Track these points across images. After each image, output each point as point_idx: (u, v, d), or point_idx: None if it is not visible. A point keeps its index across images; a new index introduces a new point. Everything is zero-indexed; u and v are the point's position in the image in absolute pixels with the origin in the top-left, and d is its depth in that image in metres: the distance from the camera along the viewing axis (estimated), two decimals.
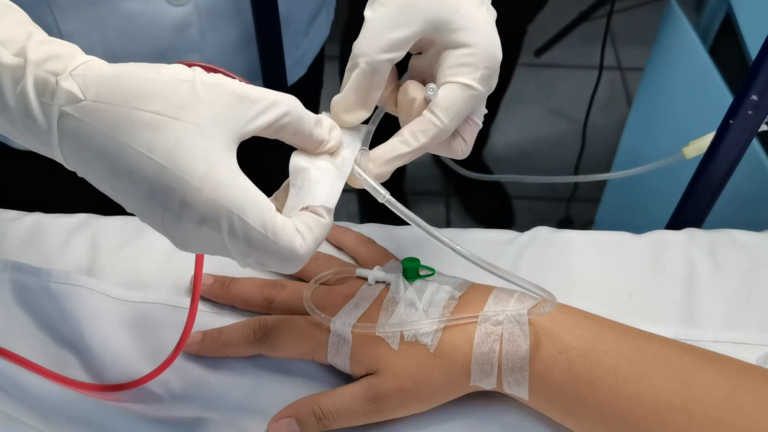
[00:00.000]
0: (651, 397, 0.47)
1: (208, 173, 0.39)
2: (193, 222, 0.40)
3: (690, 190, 0.68)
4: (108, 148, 0.38)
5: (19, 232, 0.64)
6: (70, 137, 0.39)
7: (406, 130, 0.48)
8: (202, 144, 0.39)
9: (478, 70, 0.47)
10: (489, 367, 0.50)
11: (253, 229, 0.40)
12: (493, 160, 1.87)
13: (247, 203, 0.40)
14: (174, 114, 0.38)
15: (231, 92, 0.40)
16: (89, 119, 0.38)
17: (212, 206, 0.39)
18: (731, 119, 0.61)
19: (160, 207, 0.40)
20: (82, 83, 0.38)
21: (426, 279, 0.55)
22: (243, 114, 0.40)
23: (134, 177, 0.39)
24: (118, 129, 0.38)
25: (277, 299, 0.57)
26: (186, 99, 0.39)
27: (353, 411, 0.52)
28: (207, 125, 0.39)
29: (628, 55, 2.13)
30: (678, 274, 0.62)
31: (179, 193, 0.39)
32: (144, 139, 0.38)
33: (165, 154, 0.38)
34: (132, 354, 0.56)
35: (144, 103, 0.38)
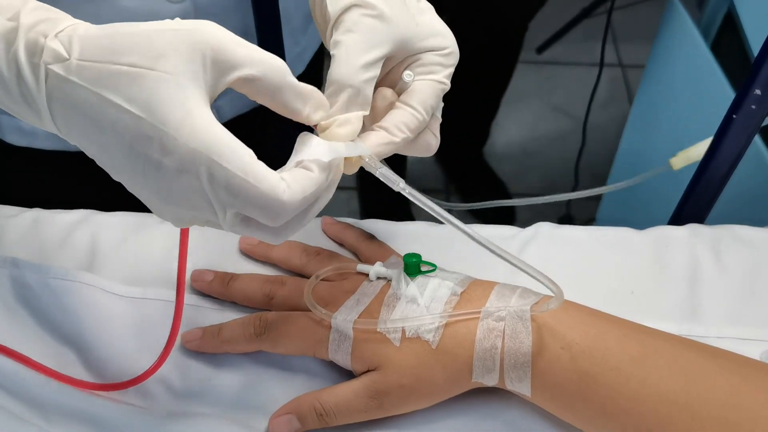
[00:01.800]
0: (654, 393, 0.47)
1: (184, 120, 0.39)
2: (172, 170, 0.40)
3: (693, 186, 0.68)
4: (92, 104, 0.39)
5: (19, 228, 0.64)
6: (57, 96, 0.40)
7: (388, 123, 0.48)
8: (176, 92, 0.39)
9: (447, 68, 0.50)
10: (491, 363, 0.50)
11: (232, 174, 0.39)
12: (494, 157, 1.87)
13: (226, 148, 0.39)
14: (149, 64, 0.39)
15: (207, 44, 0.40)
16: (74, 76, 0.39)
17: (190, 152, 0.39)
18: (734, 114, 0.61)
19: (141, 159, 0.40)
20: (66, 42, 0.39)
21: (427, 275, 0.54)
22: (217, 66, 0.40)
23: (116, 129, 0.39)
24: (100, 84, 0.39)
25: (278, 295, 0.57)
26: (160, 49, 0.39)
27: (354, 407, 0.52)
28: (181, 74, 0.39)
29: (629, 52, 2.13)
30: (681, 270, 0.62)
31: (157, 141, 0.39)
32: (123, 92, 0.39)
33: (142, 104, 0.39)
34: (132, 350, 0.56)
35: (122, 56, 0.39)
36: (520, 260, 0.46)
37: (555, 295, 0.47)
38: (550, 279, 0.46)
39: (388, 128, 0.48)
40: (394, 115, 0.49)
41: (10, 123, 0.73)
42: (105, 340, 0.56)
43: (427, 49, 0.50)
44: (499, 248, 0.46)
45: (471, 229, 0.46)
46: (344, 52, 0.47)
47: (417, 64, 0.50)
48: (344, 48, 0.47)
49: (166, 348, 0.53)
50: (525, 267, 0.46)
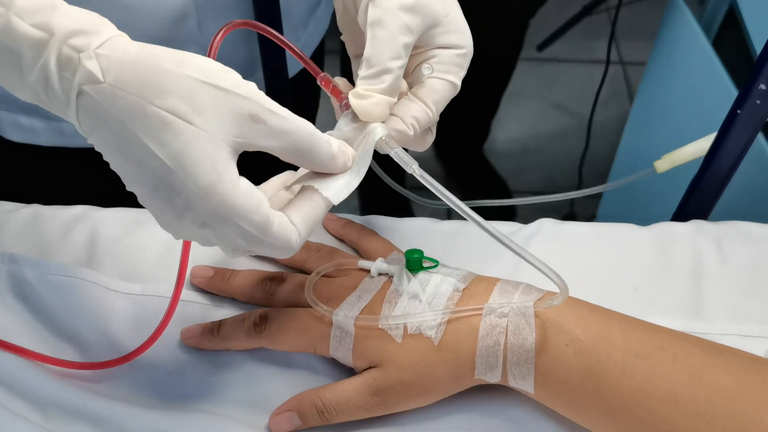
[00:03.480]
0: (659, 390, 0.46)
1: (213, 183, 0.39)
2: (195, 224, 0.41)
3: (696, 182, 0.68)
4: (121, 133, 0.39)
5: (17, 223, 0.63)
6: (87, 112, 0.39)
7: (403, 113, 0.50)
8: (209, 152, 0.39)
9: (462, 69, 0.51)
10: (494, 360, 0.49)
11: (250, 233, 0.41)
12: (495, 155, 1.87)
13: (248, 212, 0.41)
14: (186, 115, 0.39)
15: (246, 108, 0.40)
16: (106, 102, 0.38)
17: (215, 215, 0.40)
18: (739, 109, 0.61)
19: (163, 202, 0.41)
20: (104, 64, 0.38)
21: (429, 271, 0.54)
22: (254, 133, 0.41)
23: (142, 167, 0.40)
24: (132, 118, 0.38)
25: (278, 292, 0.57)
26: (202, 102, 0.39)
27: (355, 405, 0.51)
28: (216, 133, 0.40)
29: (630, 49, 2.12)
30: (685, 266, 0.62)
31: (183, 196, 0.40)
32: (155, 135, 0.39)
33: (173, 155, 0.39)
34: (130, 346, 0.55)
35: (159, 97, 0.38)
36: (528, 252, 0.46)
37: (560, 290, 0.47)
38: (557, 274, 0.46)
39: (404, 119, 0.49)
40: (409, 108, 0.50)
41: (9, 119, 0.73)
42: (103, 336, 0.56)
43: (446, 44, 0.50)
44: (508, 239, 0.46)
45: (480, 218, 0.46)
46: (389, 34, 0.47)
47: (435, 60, 0.50)
48: (389, 30, 0.47)
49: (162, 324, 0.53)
50: (532, 260, 0.46)
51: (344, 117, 0.50)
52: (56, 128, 0.73)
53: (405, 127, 0.49)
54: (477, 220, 0.46)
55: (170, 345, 0.56)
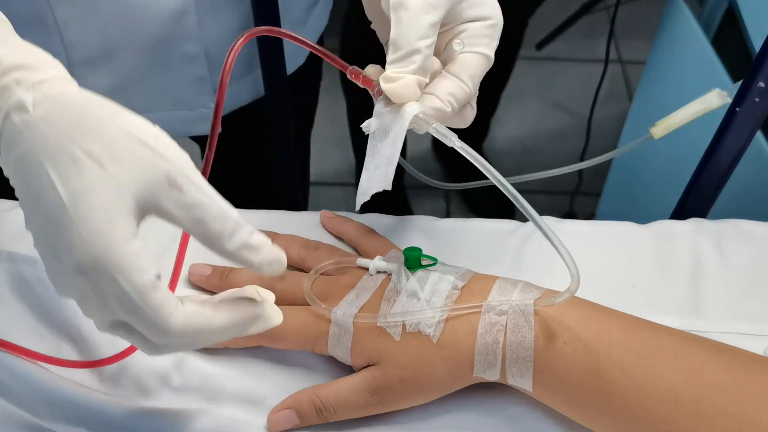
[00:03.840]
0: (658, 388, 0.46)
1: (103, 229, 0.37)
2: (70, 269, 0.38)
3: (695, 180, 0.68)
4: (30, 167, 0.38)
5: (14, 222, 0.63)
6: (6, 141, 0.38)
7: (439, 91, 0.49)
8: (110, 198, 0.37)
9: (494, 41, 0.50)
10: (493, 357, 0.49)
11: (128, 296, 0.38)
12: (494, 154, 1.87)
13: (131, 269, 0.38)
14: (101, 160, 0.37)
15: (167, 172, 0.38)
16: (27, 132, 0.37)
17: (94, 262, 0.37)
18: (737, 107, 0.61)
19: (48, 244, 0.39)
20: (38, 98, 0.38)
21: (428, 269, 0.54)
22: (166, 198, 0.39)
23: (39, 204, 0.38)
24: (47, 151, 0.37)
25: (277, 289, 0.56)
26: (120, 151, 0.38)
27: (354, 403, 0.51)
28: (125, 183, 0.38)
29: (629, 48, 2.12)
30: (684, 264, 0.62)
31: (67, 236, 0.37)
32: (62, 170, 0.37)
33: (72, 193, 0.37)
34: (127, 344, 0.55)
35: (81, 138, 0.37)
36: (557, 237, 0.44)
37: (570, 289, 0.46)
38: (576, 269, 0.44)
39: (440, 96, 0.49)
40: (444, 85, 0.49)
41: None
42: (101, 334, 0.56)
43: (473, 18, 0.50)
44: (541, 220, 0.44)
45: (519, 195, 0.44)
46: (413, 15, 0.47)
47: (465, 35, 0.50)
48: (412, 11, 0.47)
49: None
50: (559, 246, 0.44)
51: (379, 102, 0.49)
52: None
53: (441, 103, 0.48)
54: (516, 196, 0.44)
55: None
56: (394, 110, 0.48)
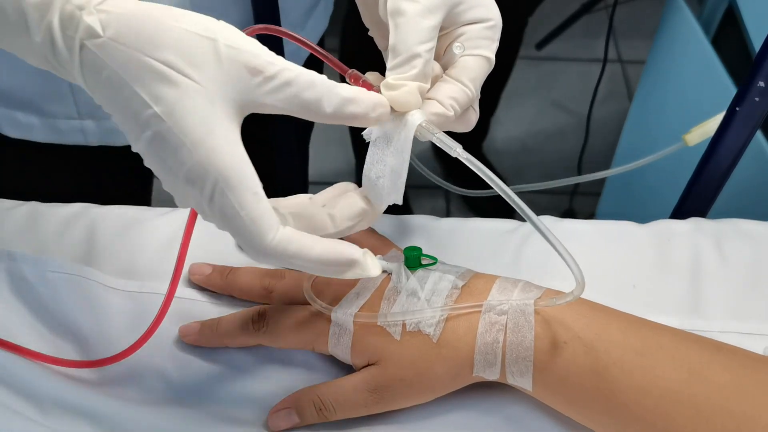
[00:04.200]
0: (658, 387, 0.46)
1: (204, 138, 0.39)
2: (180, 178, 0.40)
3: (695, 179, 0.68)
4: (120, 88, 0.39)
5: (16, 221, 0.63)
6: (89, 69, 0.39)
7: (441, 96, 0.48)
8: (203, 108, 0.39)
9: (494, 42, 0.50)
10: (492, 357, 0.49)
11: (230, 205, 0.40)
12: (494, 153, 1.87)
13: (234, 179, 0.40)
14: (183, 69, 0.39)
15: (246, 62, 0.40)
16: (105, 56, 0.39)
17: (199, 171, 0.39)
18: (738, 106, 0.61)
19: (157, 156, 0.40)
20: (104, 19, 0.39)
21: (428, 268, 0.54)
22: (254, 88, 0.40)
23: (138, 120, 0.39)
24: (129, 71, 0.39)
25: (277, 289, 0.57)
26: (199, 56, 0.39)
27: (354, 402, 0.51)
28: (214, 89, 0.39)
29: (629, 47, 2.13)
30: (684, 264, 0.62)
31: (172, 148, 0.39)
32: (150, 88, 0.39)
33: (167, 108, 0.39)
34: (129, 343, 0.55)
35: (157, 50, 0.38)
36: (561, 243, 0.44)
37: (572, 293, 0.46)
38: (581, 272, 0.45)
39: (442, 101, 0.48)
40: (446, 90, 0.48)
41: (6, 115, 0.72)
42: (102, 334, 0.56)
43: (472, 20, 0.49)
44: (546, 228, 0.44)
45: (525, 205, 0.44)
46: (411, 20, 0.46)
47: (465, 38, 0.49)
48: (410, 16, 0.46)
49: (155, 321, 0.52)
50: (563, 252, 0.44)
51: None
52: (53, 125, 0.73)
53: (444, 108, 0.48)
54: (521, 207, 0.44)
55: (169, 342, 0.56)
56: (396, 118, 0.47)
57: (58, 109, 0.72)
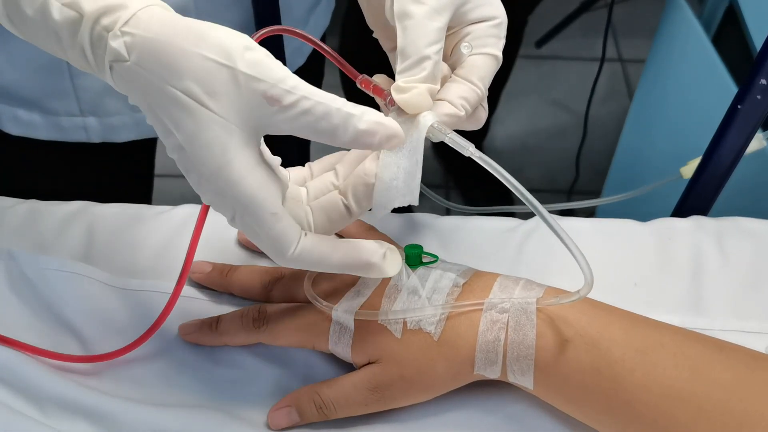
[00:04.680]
0: (659, 386, 0.46)
1: (221, 169, 0.41)
2: (205, 198, 0.44)
3: (696, 178, 0.67)
4: (148, 106, 0.41)
5: (15, 219, 0.63)
6: (119, 84, 0.41)
7: (451, 96, 0.48)
8: (221, 139, 0.40)
9: (501, 40, 0.50)
10: (494, 355, 0.49)
11: (250, 226, 0.43)
12: (494, 152, 1.86)
13: (251, 206, 0.42)
14: (202, 99, 0.40)
15: (263, 92, 0.40)
16: (131, 79, 0.40)
17: (219, 199, 0.42)
18: (739, 105, 0.60)
19: (184, 172, 0.43)
20: (129, 42, 0.40)
21: (429, 266, 0.54)
22: (271, 116, 0.41)
23: (167, 139, 0.42)
24: (152, 96, 0.40)
25: (277, 287, 0.56)
26: (217, 85, 0.40)
27: (354, 400, 0.51)
28: (231, 118, 0.40)
29: (629, 46, 2.12)
30: (685, 262, 0.61)
31: (196, 174, 0.42)
32: (171, 115, 0.40)
33: (186, 136, 0.40)
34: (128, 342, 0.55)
35: (176, 79, 0.39)
36: (573, 243, 0.45)
37: (578, 292, 0.46)
38: (591, 272, 0.45)
39: (453, 102, 0.48)
40: (456, 90, 0.49)
41: (7, 113, 0.72)
42: (101, 332, 0.56)
43: (478, 19, 0.50)
44: (561, 229, 0.45)
45: (540, 206, 0.45)
46: (420, 22, 0.46)
47: (471, 37, 0.49)
48: (418, 18, 0.46)
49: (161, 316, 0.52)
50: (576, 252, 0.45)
51: (392, 113, 0.49)
52: (55, 123, 0.73)
53: (455, 109, 0.48)
54: (537, 207, 0.45)
55: (168, 340, 0.56)
56: (408, 121, 0.47)
57: (61, 107, 0.72)
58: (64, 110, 0.72)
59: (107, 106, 0.72)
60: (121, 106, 0.73)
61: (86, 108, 0.72)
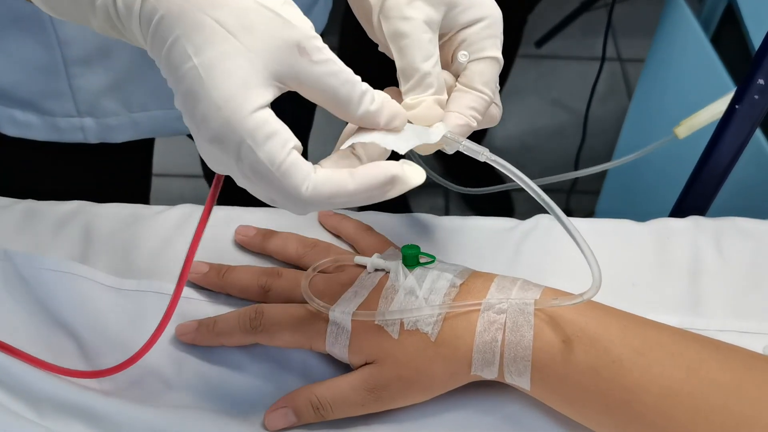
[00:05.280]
0: (657, 386, 0.46)
1: (235, 96, 0.39)
2: (206, 138, 0.40)
3: (694, 177, 0.67)
4: (167, 39, 0.39)
5: (11, 219, 0.63)
6: (145, 20, 0.39)
7: (460, 107, 0.48)
8: (242, 68, 0.39)
9: (498, 39, 0.49)
10: (491, 356, 0.49)
11: (260, 162, 0.39)
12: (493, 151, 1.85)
13: (262, 135, 0.39)
14: (233, 29, 0.39)
15: (297, 40, 0.40)
16: (162, 7, 0.39)
17: (225, 128, 0.39)
18: (737, 104, 0.60)
19: (188, 113, 0.40)
20: None
21: (426, 266, 0.54)
22: (298, 66, 0.40)
23: (178, 73, 0.39)
24: (182, 22, 0.39)
25: (274, 287, 0.56)
26: (252, 20, 0.39)
27: (351, 401, 0.51)
28: (259, 55, 0.39)
29: (629, 46, 2.12)
30: (683, 262, 0.61)
31: (202, 103, 0.39)
32: (196, 40, 0.38)
33: (206, 62, 0.38)
34: (126, 342, 0.55)
35: (213, 8, 0.39)
36: (585, 243, 0.45)
37: (581, 295, 0.46)
38: (600, 273, 0.45)
39: (463, 113, 0.48)
40: (463, 100, 0.49)
41: (4, 114, 0.72)
42: (98, 332, 0.56)
43: (469, 21, 0.49)
44: (575, 228, 0.44)
45: (554, 205, 0.45)
46: (414, 41, 0.46)
47: (467, 43, 0.49)
48: (412, 37, 0.46)
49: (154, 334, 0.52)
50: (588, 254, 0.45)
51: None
52: (52, 123, 0.73)
53: (466, 119, 0.48)
54: (550, 206, 0.44)
55: (165, 341, 0.56)
56: (421, 133, 0.47)
57: (57, 107, 0.72)
58: (61, 111, 0.72)
59: (104, 107, 0.72)
60: (118, 107, 0.73)
61: (83, 109, 0.72)
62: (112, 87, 0.71)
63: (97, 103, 0.72)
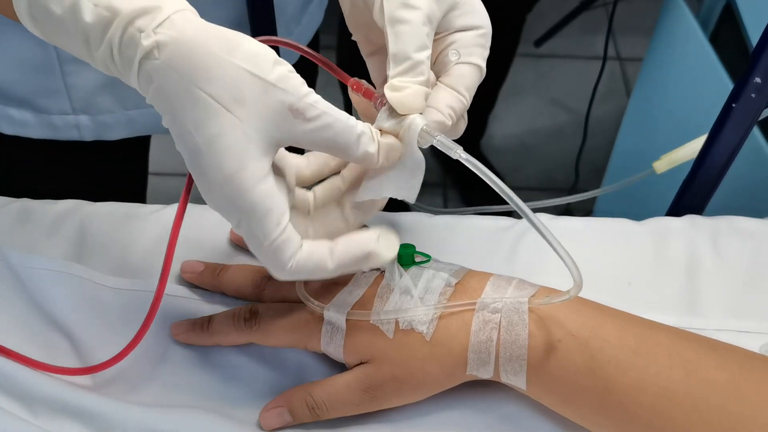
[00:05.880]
0: (654, 386, 0.46)
1: (235, 174, 0.41)
2: (213, 203, 0.44)
3: (691, 177, 0.67)
4: (170, 107, 0.41)
5: (6, 218, 0.63)
6: (145, 80, 0.41)
7: (439, 104, 0.49)
8: (241, 143, 0.41)
9: (486, 51, 0.50)
10: (486, 355, 0.49)
11: (255, 236, 0.44)
12: (492, 151, 1.86)
13: (259, 213, 0.43)
14: (228, 104, 0.41)
15: (290, 104, 0.42)
16: (159, 77, 0.40)
17: (228, 204, 0.43)
18: (734, 103, 0.60)
19: (195, 175, 0.43)
20: (161, 42, 0.40)
21: (421, 266, 0.53)
22: (293, 128, 0.42)
23: (183, 141, 0.42)
24: (178, 96, 0.41)
25: (269, 287, 0.56)
26: (246, 93, 0.41)
27: (346, 400, 0.51)
28: (254, 125, 0.41)
29: (627, 45, 2.12)
30: (680, 261, 0.61)
31: (207, 178, 0.42)
32: (194, 117, 0.41)
33: (206, 139, 0.41)
34: (120, 341, 0.55)
35: (205, 82, 0.40)
36: (559, 243, 0.44)
37: (568, 292, 0.46)
38: (578, 272, 0.45)
39: (441, 110, 0.49)
40: (443, 98, 0.49)
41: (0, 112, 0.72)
42: (93, 331, 0.56)
43: (464, 27, 0.50)
44: (546, 229, 0.44)
45: (525, 206, 0.45)
46: (414, 28, 0.47)
47: (458, 45, 0.50)
48: (413, 24, 0.47)
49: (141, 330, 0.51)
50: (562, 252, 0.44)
51: (381, 114, 0.48)
52: (47, 121, 0.72)
53: (443, 117, 0.48)
54: (520, 206, 0.44)
55: (160, 341, 0.56)
56: (398, 123, 0.47)
57: (53, 105, 0.72)
58: (56, 109, 0.72)
59: (99, 104, 0.72)
60: (113, 104, 0.73)
61: (78, 106, 0.72)
62: (106, 84, 0.71)
63: (92, 101, 0.72)
